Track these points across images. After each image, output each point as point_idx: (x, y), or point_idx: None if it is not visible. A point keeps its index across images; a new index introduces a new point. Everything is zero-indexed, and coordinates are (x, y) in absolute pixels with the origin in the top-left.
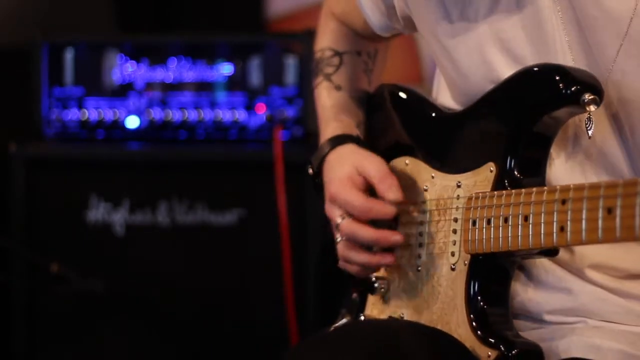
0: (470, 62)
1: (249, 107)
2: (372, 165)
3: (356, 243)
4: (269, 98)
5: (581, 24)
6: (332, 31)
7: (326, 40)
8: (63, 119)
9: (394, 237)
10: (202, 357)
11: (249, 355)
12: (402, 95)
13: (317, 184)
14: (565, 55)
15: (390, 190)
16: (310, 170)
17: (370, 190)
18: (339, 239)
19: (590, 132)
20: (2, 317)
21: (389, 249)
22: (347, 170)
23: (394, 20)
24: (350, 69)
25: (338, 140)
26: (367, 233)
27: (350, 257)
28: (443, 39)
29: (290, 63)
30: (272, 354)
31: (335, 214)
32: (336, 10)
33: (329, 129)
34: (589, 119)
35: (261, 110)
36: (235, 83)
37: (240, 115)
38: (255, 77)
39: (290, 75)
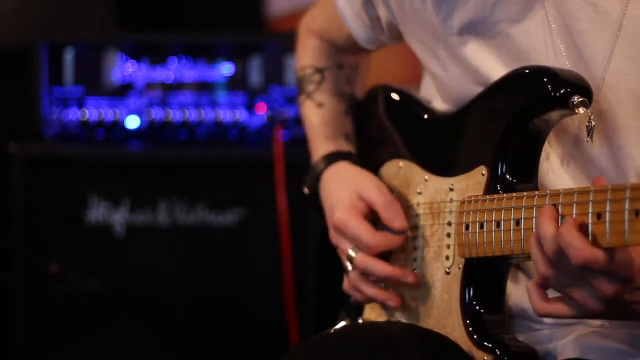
0: (461, 67)
1: (249, 107)
2: (372, 190)
3: (369, 277)
4: (269, 98)
5: (571, 29)
6: (312, 48)
7: (307, 57)
8: (63, 119)
9: (407, 278)
10: (202, 357)
11: (249, 355)
12: (395, 96)
13: (314, 203)
14: (559, 61)
15: (396, 219)
16: (306, 190)
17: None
18: (350, 269)
19: (590, 136)
20: (2, 317)
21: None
22: (347, 194)
23: (379, 32)
24: (332, 84)
25: (331, 158)
26: (382, 269)
27: (360, 288)
28: (433, 46)
29: (291, 63)
30: (272, 354)
31: (344, 246)
32: (315, 27)
33: (320, 147)
34: (590, 122)
35: (261, 110)
36: (235, 83)
37: (241, 115)
38: (255, 76)
39: (291, 75)
